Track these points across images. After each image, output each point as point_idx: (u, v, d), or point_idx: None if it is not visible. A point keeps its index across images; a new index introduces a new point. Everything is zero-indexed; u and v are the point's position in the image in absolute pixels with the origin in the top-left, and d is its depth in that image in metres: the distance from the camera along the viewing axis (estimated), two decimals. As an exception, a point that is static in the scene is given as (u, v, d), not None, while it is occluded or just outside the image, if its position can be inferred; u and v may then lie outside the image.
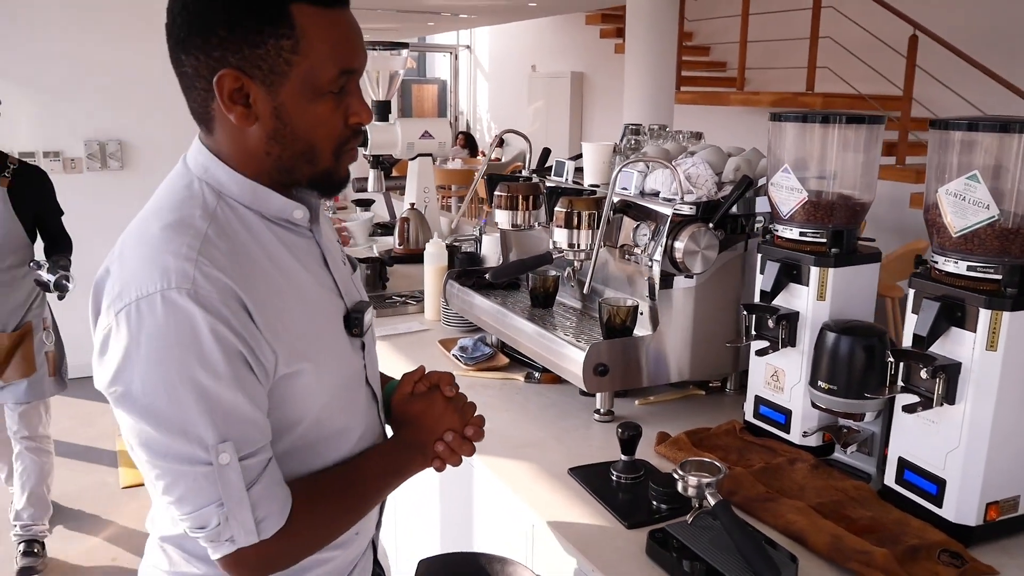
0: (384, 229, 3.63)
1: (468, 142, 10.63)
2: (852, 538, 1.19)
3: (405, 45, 3.33)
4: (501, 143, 11.57)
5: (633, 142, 2.07)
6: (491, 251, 2.47)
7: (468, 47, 13.83)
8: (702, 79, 7.64)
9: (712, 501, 1.15)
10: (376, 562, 1.21)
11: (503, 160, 9.69)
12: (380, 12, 9.79)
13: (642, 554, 1.21)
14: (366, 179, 3.43)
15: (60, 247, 2.81)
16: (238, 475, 0.87)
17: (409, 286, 2.70)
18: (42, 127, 4.30)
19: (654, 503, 1.33)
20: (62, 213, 2.84)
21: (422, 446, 1.09)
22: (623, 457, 1.42)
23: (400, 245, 3.15)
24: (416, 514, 1.95)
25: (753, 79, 7.30)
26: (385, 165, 3.37)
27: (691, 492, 1.18)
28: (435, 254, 2.36)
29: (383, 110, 3.32)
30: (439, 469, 1.10)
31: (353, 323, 1.04)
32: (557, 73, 10.73)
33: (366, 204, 3.83)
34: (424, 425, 1.10)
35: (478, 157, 11.22)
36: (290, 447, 0.98)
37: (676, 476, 1.19)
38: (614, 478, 1.41)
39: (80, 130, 4.38)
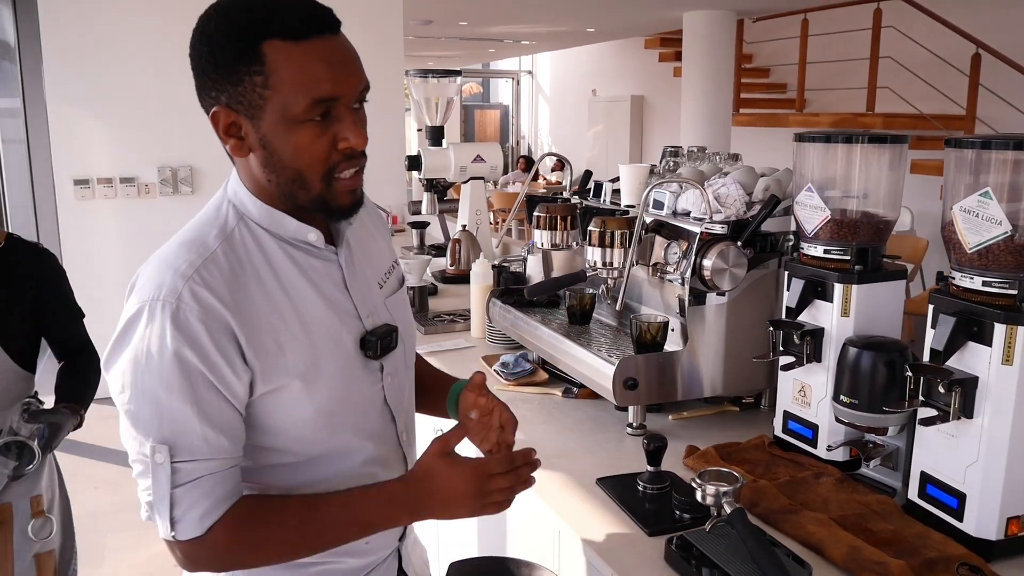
0: (438, 251, 3.74)
1: (528, 166, 10.76)
2: (870, 549, 1.21)
3: (458, 72, 3.45)
4: (562, 166, 11.67)
5: (672, 163, 2.12)
6: (536, 271, 2.53)
7: (530, 72, 14.02)
8: (762, 101, 7.61)
9: (729, 510, 1.19)
10: (400, 570, 1.24)
11: (564, 183, 9.77)
12: (444, 40, 10.05)
13: (661, 560, 1.25)
14: (421, 202, 3.55)
15: (77, 373, 1.84)
16: (167, 475, 0.96)
17: (460, 305, 2.78)
18: (118, 154, 4.55)
19: (677, 512, 1.37)
20: (82, 315, 1.88)
21: (416, 510, 1.07)
22: (649, 468, 1.46)
23: (452, 266, 3.25)
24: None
25: (814, 100, 7.25)
26: (438, 188, 3.47)
27: (709, 501, 1.21)
28: (481, 274, 2.44)
29: (437, 135, 3.43)
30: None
31: (368, 345, 1.09)
32: (617, 97, 10.80)
33: (421, 226, 3.94)
34: (436, 491, 1.05)
35: (539, 181, 11.35)
36: (279, 460, 1.05)
37: (695, 485, 1.23)
38: (640, 488, 1.45)
39: (153, 157, 4.62)
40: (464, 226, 3.35)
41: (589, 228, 1.73)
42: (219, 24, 0.97)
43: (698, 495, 1.22)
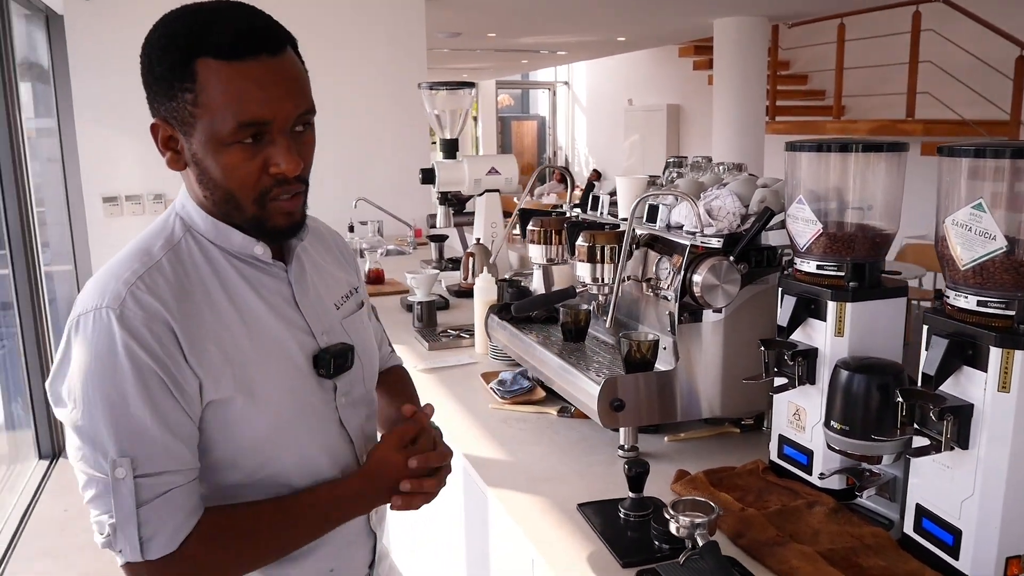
0: (455, 264, 3.70)
1: (564, 177, 10.69)
2: (856, 588, 1.13)
3: (472, 84, 3.41)
4: (598, 177, 11.59)
5: (676, 174, 2.06)
6: (539, 286, 2.47)
7: (566, 83, 13.98)
8: (798, 108, 7.46)
9: (702, 542, 1.12)
10: None
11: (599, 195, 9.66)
12: (479, 52, 10.07)
13: (632, 595, 1.18)
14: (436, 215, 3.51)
15: None
16: (130, 491, 0.91)
17: (471, 320, 2.73)
18: (145, 172, 4.61)
19: (656, 543, 1.29)
20: None
21: (365, 496, 1.09)
22: (631, 494, 1.39)
23: (465, 279, 3.20)
24: (438, 540, 1.97)
25: (853, 107, 7.08)
26: (453, 202, 3.44)
27: (683, 532, 1.15)
28: (484, 288, 2.39)
29: (450, 148, 3.40)
30: (396, 509, 1.11)
31: (321, 363, 1.06)
32: (653, 106, 10.71)
33: (440, 239, 3.90)
34: (371, 473, 1.09)
35: (576, 193, 11.27)
36: (231, 480, 1.02)
37: (668, 516, 1.16)
38: (622, 515, 1.38)
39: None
40: (479, 239, 3.30)
41: (578, 243, 1.67)
42: (159, 37, 0.95)
43: (671, 526, 1.15)
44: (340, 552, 1.13)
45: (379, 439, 1.15)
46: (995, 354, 1.07)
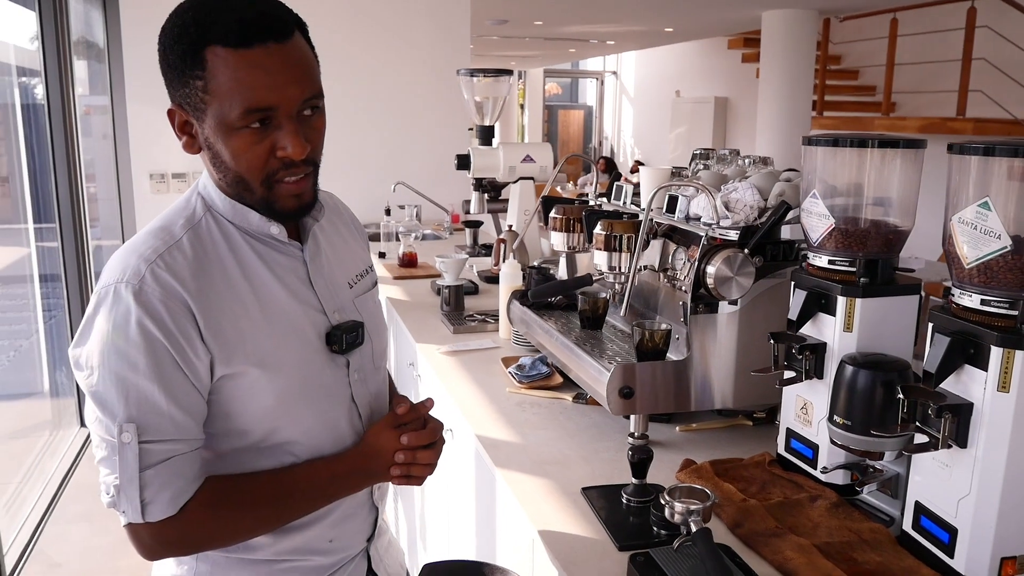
0: (488, 250, 3.73)
1: (608, 167, 10.65)
2: (847, 581, 1.14)
3: (509, 72, 3.43)
4: (637, 167, 11.50)
5: (702, 166, 2.05)
6: (563, 273, 2.49)
7: (615, 73, 13.89)
8: (847, 104, 7.32)
9: (695, 528, 1.14)
10: (371, 570, 1.26)
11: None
12: (528, 41, 10.06)
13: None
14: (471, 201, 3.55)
15: None
16: (135, 455, 0.96)
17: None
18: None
19: (654, 528, 1.31)
20: None
21: (360, 473, 1.13)
22: (633, 480, 1.41)
23: (496, 265, 3.23)
24: (447, 519, 2.01)
25: (904, 103, 6.93)
26: (488, 188, 3.47)
27: (677, 518, 1.16)
28: (509, 274, 2.42)
29: (487, 134, 3.43)
30: (399, 483, 1.15)
31: (333, 339, 1.10)
32: (701, 99, 10.59)
33: (475, 225, 3.94)
34: (366, 451, 1.13)
35: (621, 182, 11.21)
36: (241, 447, 1.06)
37: (663, 501, 1.18)
38: (624, 500, 1.40)
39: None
40: (511, 226, 3.33)
41: (595, 231, 1.69)
42: (172, 26, 1.00)
43: (666, 512, 1.17)
44: (341, 524, 1.17)
45: None
46: (996, 354, 1.07)
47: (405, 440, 1.12)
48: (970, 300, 1.11)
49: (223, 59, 0.95)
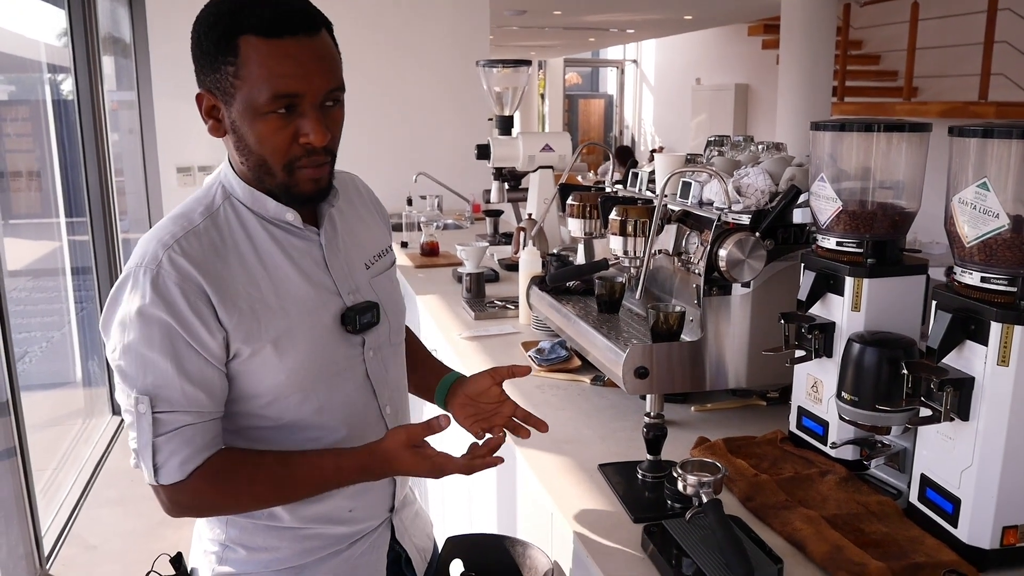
0: (508, 238, 3.79)
1: (623, 156, 10.64)
2: (853, 550, 1.18)
3: (528, 63, 3.47)
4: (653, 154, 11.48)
5: (716, 153, 2.09)
6: (581, 259, 2.54)
7: (635, 61, 13.85)
8: (868, 89, 7.28)
9: (706, 500, 1.18)
10: (394, 540, 1.31)
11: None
12: (548, 31, 10.07)
13: (639, 546, 1.25)
14: (491, 190, 3.60)
15: None
16: (149, 424, 1.04)
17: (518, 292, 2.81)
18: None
19: (668, 501, 1.36)
20: None
21: (380, 476, 1.18)
22: (648, 456, 1.46)
23: (515, 253, 3.29)
24: (468, 495, 2.07)
25: (925, 88, 6.88)
26: (508, 177, 3.52)
27: (689, 491, 1.21)
28: (529, 261, 2.47)
29: (506, 124, 3.47)
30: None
31: (347, 320, 1.16)
32: (721, 86, 10.55)
33: (495, 214, 3.99)
34: (377, 455, 1.14)
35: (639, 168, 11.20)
36: (258, 425, 1.13)
37: (675, 474, 1.22)
38: (639, 476, 1.46)
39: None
40: (530, 215, 3.38)
41: (611, 216, 1.74)
42: (208, 15, 1.05)
43: (679, 484, 1.22)
44: (360, 495, 1.22)
45: (400, 424, 1.25)
46: (996, 329, 1.10)
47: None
48: (971, 278, 1.15)
49: (255, 47, 1.01)
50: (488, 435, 1.27)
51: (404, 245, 3.86)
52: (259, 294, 1.10)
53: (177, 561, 1.24)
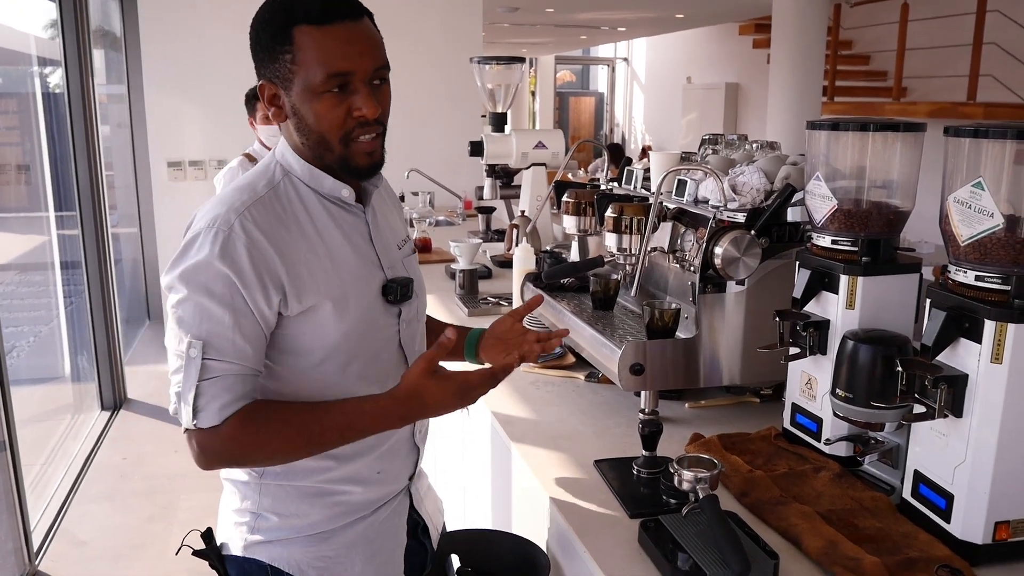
0: (500, 235, 3.79)
1: (615, 154, 10.67)
2: (848, 544, 1.19)
3: (522, 60, 3.47)
4: (645, 153, 11.51)
5: (711, 151, 2.10)
6: (575, 256, 2.54)
7: (625, 59, 13.87)
8: (858, 89, 7.32)
9: (702, 496, 1.19)
10: (413, 508, 1.37)
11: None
12: (539, 28, 10.07)
13: (635, 542, 1.26)
14: (484, 187, 3.60)
15: None
16: (196, 368, 1.10)
17: (511, 289, 2.82)
18: (210, 138, 4.79)
19: (664, 497, 1.37)
20: None
21: (407, 419, 1.21)
22: (644, 452, 1.47)
23: (508, 250, 3.29)
24: (463, 492, 2.07)
25: (916, 88, 6.93)
26: (500, 174, 3.52)
27: (686, 486, 1.22)
28: (522, 258, 2.47)
29: (499, 121, 3.48)
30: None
31: (389, 291, 1.24)
32: (712, 85, 10.59)
33: (488, 211, 3.99)
34: (424, 404, 1.16)
35: (632, 166, 11.23)
36: (300, 386, 1.20)
37: (672, 470, 1.23)
38: (635, 472, 1.46)
39: (241, 141, 4.84)
40: (523, 212, 3.38)
41: (606, 214, 1.74)
42: (263, 13, 1.16)
43: (675, 480, 1.23)
44: (387, 457, 1.30)
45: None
46: (989, 327, 1.12)
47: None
48: (965, 276, 1.17)
49: (308, 34, 1.11)
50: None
51: (396, 241, 3.85)
52: (317, 260, 1.18)
53: (208, 536, 1.30)
